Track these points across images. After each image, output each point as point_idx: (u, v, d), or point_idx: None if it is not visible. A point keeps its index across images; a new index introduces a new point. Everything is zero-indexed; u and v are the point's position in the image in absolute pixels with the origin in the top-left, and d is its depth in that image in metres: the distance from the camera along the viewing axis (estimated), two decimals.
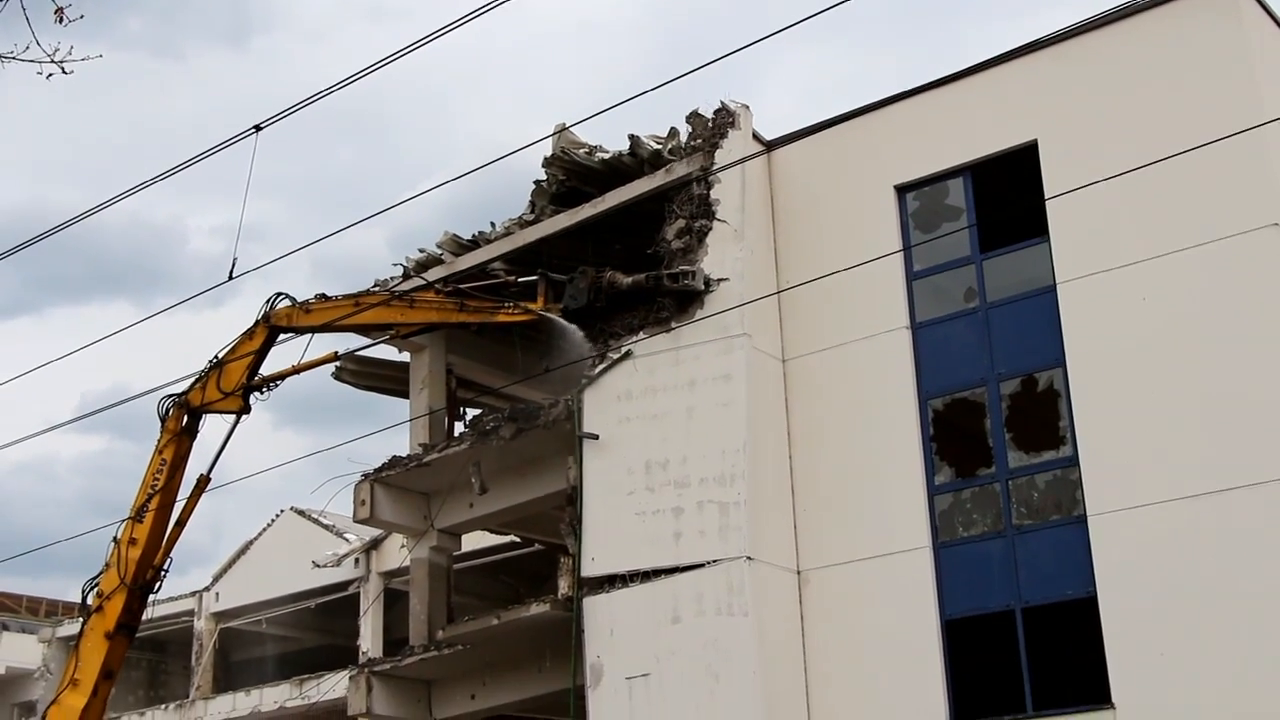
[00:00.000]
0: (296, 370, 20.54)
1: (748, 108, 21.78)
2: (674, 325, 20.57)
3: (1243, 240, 17.91)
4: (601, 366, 20.81)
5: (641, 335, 20.81)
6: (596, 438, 20.64)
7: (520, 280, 21.41)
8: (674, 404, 20.27)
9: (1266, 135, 17.14)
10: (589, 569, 20.36)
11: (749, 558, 19.17)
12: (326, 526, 41.97)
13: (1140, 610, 17.62)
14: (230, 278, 19.29)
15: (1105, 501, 18.21)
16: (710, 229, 20.94)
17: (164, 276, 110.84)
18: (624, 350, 20.74)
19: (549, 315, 20.62)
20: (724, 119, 21.61)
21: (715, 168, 21.10)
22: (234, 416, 20.22)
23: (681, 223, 21.21)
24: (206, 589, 45.12)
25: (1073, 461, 18.79)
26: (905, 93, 21.31)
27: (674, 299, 20.68)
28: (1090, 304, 18.91)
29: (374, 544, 39.75)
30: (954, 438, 20.13)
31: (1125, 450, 18.23)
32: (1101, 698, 17.65)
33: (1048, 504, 19.22)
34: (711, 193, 21.16)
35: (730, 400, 19.97)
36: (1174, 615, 17.32)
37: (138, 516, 19.71)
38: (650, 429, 20.37)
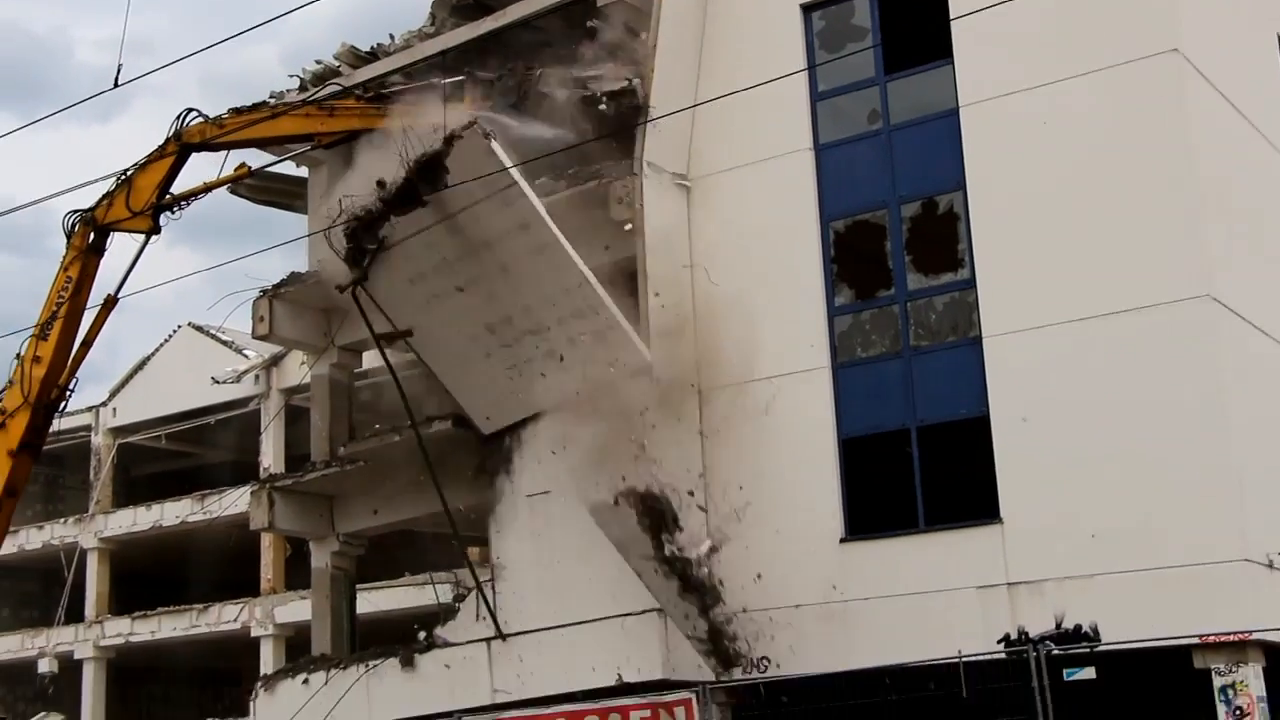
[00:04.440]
0: (208, 188, 19.96)
1: None
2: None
3: (1143, 65, 17.97)
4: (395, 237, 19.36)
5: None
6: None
7: (446, 81, 20.76)
8: (490, 262, 19.46)
9: None
10: (487, 427, 20.53)
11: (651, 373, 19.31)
12: (225, 343, 41.62)
13: (1029, 429, 18.08)
14: (115, 84, 18.71)
15: (1000, 323, 18.54)
16: (631, 44, 20.63)
17: (49, 89, 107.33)
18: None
19: (477, 113, 20.01)
20: None
21: None
22: (143, 236, 19.69)
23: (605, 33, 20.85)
24: (103, 404, 44.75)
25: (970, 284, 19.05)
26: None
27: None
28: (991, 127, 18.97)
29: (274, 360, 39.54)
30: (854, 259, 20.28)
31: (1021, 273, 18.50)
32: (990, 513, 18.20)
33: (945, 325, 19.53)
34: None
35: (543, 244, 19.14)
36: (1062, 434, 17.80)
37: (42, 334, 19.30)
38: (475, 292, 19.74)
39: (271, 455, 38.64)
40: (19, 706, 45.98)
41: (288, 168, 25.21)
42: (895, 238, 19.93)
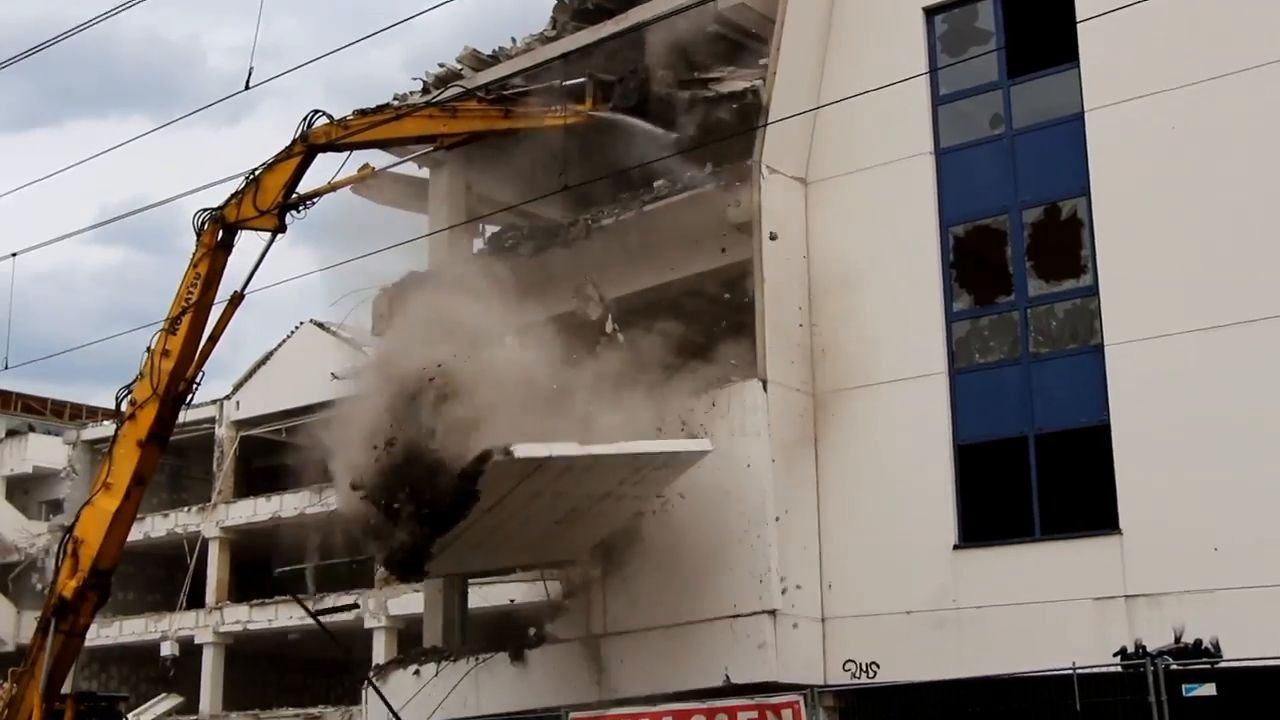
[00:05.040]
0: (332, 188, 20.24)
1: None
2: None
3: (1275, 69, 17.60)
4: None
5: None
6: None
7: (566, 83, 20.82)
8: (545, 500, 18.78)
9: None
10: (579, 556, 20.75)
11: (763, 380, 19.31)
12: (345, 339, 42.18)
13: (1151, 439, 17.78)
14: (247, 87, 19.11)
15: (1123, 331, 18.26)
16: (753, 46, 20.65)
17: (181, 93, 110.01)
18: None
19: (599, 115, 20.08)
20: None
21: None
22: (269, 234, 20.04)
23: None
24: (227, 397, 45.69)
25: (1092, 291, 18.78)
26: None
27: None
28: (1117, 132, 18.68)
29: None
30: (974, 265, 20.08)
31: (1145, 281, 18.20)
32: (1109, 523, 17.92)
33: (1065, 332, 19.27)
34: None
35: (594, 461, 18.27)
36: (1185, 444, 17.48)
37: (171, 329, 19.72)
38: (538, 518, 19.21)
39: None
40: (141, 688, 47.14)
41: (410, 168, 25.55)
42: (1016, 243, 19.70)
